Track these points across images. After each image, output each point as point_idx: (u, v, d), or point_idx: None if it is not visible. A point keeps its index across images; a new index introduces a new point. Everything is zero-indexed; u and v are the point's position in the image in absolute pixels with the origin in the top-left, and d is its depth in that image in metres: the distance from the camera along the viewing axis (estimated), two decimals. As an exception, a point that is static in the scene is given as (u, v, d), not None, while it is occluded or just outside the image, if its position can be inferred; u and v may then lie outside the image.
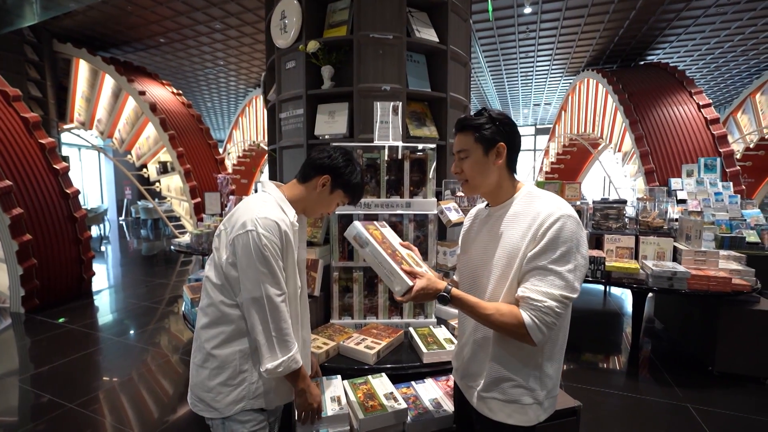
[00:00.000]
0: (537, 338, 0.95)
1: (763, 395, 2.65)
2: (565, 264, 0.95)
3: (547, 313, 0.94)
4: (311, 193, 1.24)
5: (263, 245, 1.07)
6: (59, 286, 4.51)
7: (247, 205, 1.15)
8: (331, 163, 1.22)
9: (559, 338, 1.05)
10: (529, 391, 1.03)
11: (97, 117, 7.25)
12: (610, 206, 3.34)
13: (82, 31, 6.36)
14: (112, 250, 8.10)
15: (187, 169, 6.53)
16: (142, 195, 11.58)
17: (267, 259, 1.08)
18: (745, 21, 5.89)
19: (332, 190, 1.25)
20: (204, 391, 1.15)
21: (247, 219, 1.09)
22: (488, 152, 1.05)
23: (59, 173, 4.57)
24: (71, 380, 2.82)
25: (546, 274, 0.96)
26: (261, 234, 1.08)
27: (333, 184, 1.24)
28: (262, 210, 1.11)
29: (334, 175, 1.23)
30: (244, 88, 9.84)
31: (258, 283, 1.08)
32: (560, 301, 0.94)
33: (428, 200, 1.92)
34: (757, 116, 7.64)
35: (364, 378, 1.54)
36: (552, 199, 1.02)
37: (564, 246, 0.95)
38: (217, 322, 1.15)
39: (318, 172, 1.23)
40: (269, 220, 1.10)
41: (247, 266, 1.08)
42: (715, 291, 2.61)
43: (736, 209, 4.95)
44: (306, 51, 2.16)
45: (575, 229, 0.96)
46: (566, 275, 0.95)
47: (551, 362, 1.04)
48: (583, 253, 0.97)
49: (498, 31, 6.36)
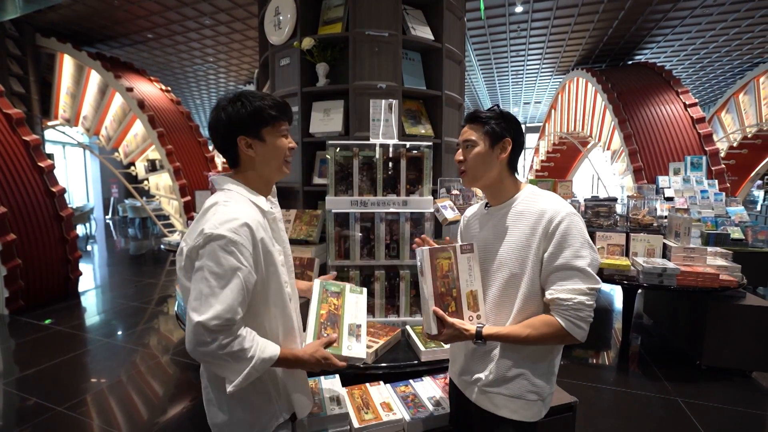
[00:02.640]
0: (580, 335, 0.99)
1: (749, 388, 2.72)
2: (582, 259, 0.98)
3: (580, 309, 0.97)
4: (254, 163, 1.02)
5: (226, 251, 0.88)
6: (45, 286, 4.40)
7: (207, 210, 0.95)
8: (223, 124, 0.98)
9: None
10: (535, 388, 1.05)
11: (82, 114, 7.08)
12: (601, 204, 3.39)
13: (67, 26, 6.20)
14: (99, 250, 7.93)
15: (177, 167, 6.42)
16: (129, 193, 11.36)
17: (219, 274, 0.87)
18: (730, 22, 6.02)
19: (261, 138, 1.00)
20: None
21: (208, 225, 0.89)
22: (494, 146, 1.07)
23: (44, 171, 4.46)
24: (59, 383, 2.76)
25: (568, 272, 0.98)
26: (226, 236, 0.88)
27: (251, 134, 0.99)
28: (223, 211, 0.92)
29: (240, 128, 0.98)
30: (234, 85, 9.72)
31: (204, 298, 0.87)
32: (588, 294, 0.98)
33: (424, 198, 1.92)
34: (740, 116, 7.82)
35: (362, 388, 1.53)
36: (555, 198, 1.05)
37: (577, 242, 0.98)
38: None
39: (231, 144, 0.99)
40: (235, 221, 0.90)
41: (198, 275, 0.88)
42: (703, 287, 2.67)
43: (721, 206, 5.07)
44: (301, 48, 2.13)
45: (582, 226, 1.01)
46: (586, 269, 0.98)
47: (558, 359, 1.10)
48: (593, 245, 1.02)
49: (489, 29, 6.39)
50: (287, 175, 1.07)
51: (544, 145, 10.81)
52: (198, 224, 0.94)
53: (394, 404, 1.42)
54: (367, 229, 1.99)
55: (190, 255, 0.92)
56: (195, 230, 0.93)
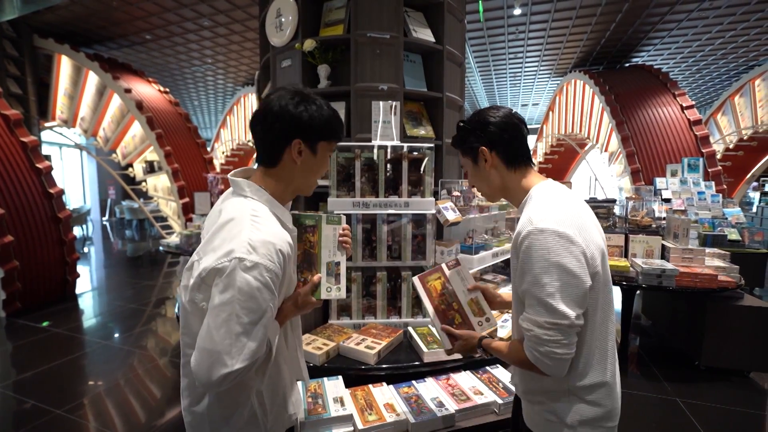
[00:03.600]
0: (546, 370, 0.89)
1: (748, 388, 2.73)
2: (542, 288, 0.87)
3: (538, 343, 0.88)
4: (292, 171, 0.93)
5: (261, 282, 0.78)
6: (42, 288, 4.38)
7: (230, 222, 0.83)
8: (287, 121, 0.89)
9: (580, 364, 0.93)
10: (552, 409, 0.97)
11: (80, 115, 7.05)
12: (600, 205, 3.41)
13: (65, 27, 6.17)
14: (96, 252, 7.89)
15: (175, 168, 6.40)
16: (126, 195, 11.32)
17: (257, 301, 0.78)
18: (726, 25, 6.07)
19: (314, 150, 0.93)
20: None
21: (234, 244, 0.78)
22: (477, 160, 1.04)
23: (42, 172, 4.44)
24: (57, 386, 2.74)
25: (530, 300, 0.89)
26: (261, 264, 0.78)
27: (309, 142, 0.92)
28: (255, 230, 0.81)
29: (302, 132, 0.90)
30: (233, 87, 9.70)
31: (235, 338, 0.77)
32: (546, 328, 0.87)
33: (426, 200, 1.92)
34: (736, 118, 7.88)
35: (365, 390, 1.53)
36: (535, 207, 0.93)
37: (537, 266, 0.87)
38: None
39: (283, 143, 0.90)
40: (271, 245, 0.81)
41: (228, 309, 0.77)
42: (701, 288, 2.69)
43: (718, 208, 5.10)
44: (302, 49, 2.14)
45: (549, 246, 0.86)
46: (545, 300, 0.86)
47: (587, 380, 0.93)
48: (568, 268, 0.85)
49: (488, 31, 6.42)
50: (310, 194, 1.03)
51: (542, 146, 10.85)
52: (219, 238, 0.81)
53: (397, 405, 1.42)
54: (368, 231, 1.99)
55: (208, 277, 0.79)
56: (217, 246, 0.80)
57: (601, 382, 0.94)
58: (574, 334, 0.89)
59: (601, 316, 0.95)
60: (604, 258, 0.96)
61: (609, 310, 0.97)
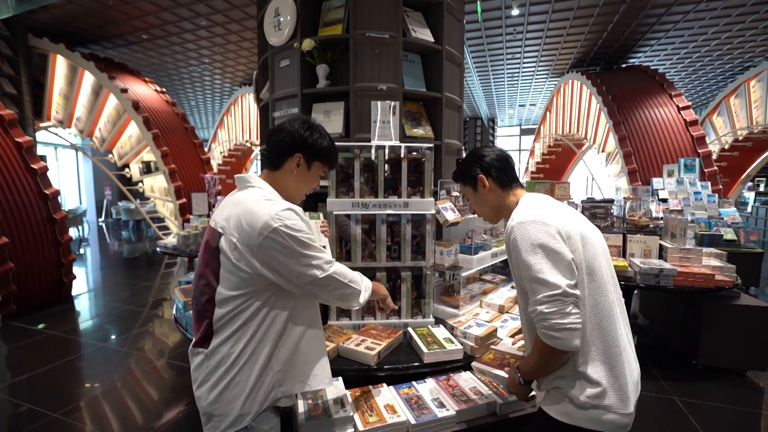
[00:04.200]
0: (559, 344, 1.00)
1: (744, 387, 2.75)
2: (531, 268, 1.02)
3: (543, 319, 1.00)
4: (289, 178, 1.16)
5: (297, 231, 1.03)
6: (38, 290, 4.34)
7: (252, 205, 1.04)
8: (294, 138, 1.13)
9: (590, 343, 1.03)
10: (562, 386, 1.06)
11: (76, 115, 7.00)
12: (598, 205, 3.42)
13: (60, 26, 6.13)
14: (92, 253, 7.84)
15: (172, 169, 6.37)
16: (122, 195, 11.25)
17: (305, 243, 1.04)
18: (721, 27, 6.11)
19: (309, 165, 1.17)
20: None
21: (266, 217, 1.01)
22: (476, 188, 1.25)
23: (37, 173, 4.40)
24: (53, 388, 2.71)
25: (529, 284, 1.04)
26: (290, 225, 1.02)
27: (307, 159, 1.15)
28: (272, 205, 1.05)
29: (303, 149, 1.14)
30: (230, 87, 9.67)
31: (310, 268, 1.05)
32: (546, 302, 1.00)
33: (426, 200, 1.92)
34: (731, 118, 7.94)
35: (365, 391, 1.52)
36: (518, 209, 1.14)
37: (524, 251, 1.04)
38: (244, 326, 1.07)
39: (287, 154, 1.13)
40: (288, 211, 1.04)
41: (290, 261, 1.02)
42: (699, 287, 2.70)
43: (714, 208, 5.13)
44: (301, 49, 2.13)
45: (532, 232, 1.04)
46: (538, 276, 1.01)
47: (590, 365, 1.03)
48: (548, 246, 1.02)
49: (486, 32, 6.43)
50: (297, 203, 1.18)
51: (539, 146, 10.88)
52: (245, 219, 1.02)
53: (398, 406, 1.42)
54: (367, 231, 1.98)
55: (247, 249, 1.01)
56: (245, 225, 1.01)
57: (598, 381, 1.02)
58: (573, 304, 1.00)
59: (594, 304, 1.05)
60: (589, 246, 1.08)
61: (605, 304, 1.06)
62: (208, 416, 1.07)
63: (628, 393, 1.03)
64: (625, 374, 1.04)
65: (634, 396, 1.05)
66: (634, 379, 1.07)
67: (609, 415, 1.02)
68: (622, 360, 1.04)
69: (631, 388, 1.05)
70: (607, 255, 1.15)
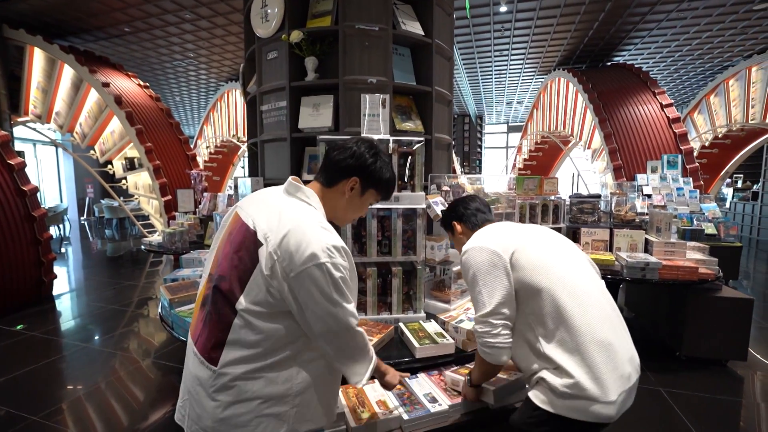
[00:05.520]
0: (487, 358, 1.20)
1: (726, 376, 2.83)
2: (472, 290, 1.23)
3: (478, 337, 1.21)
4: (340, 200, 1.10)
5: (339, 277, 0.94)
6: (16, 290, 4.19)
7: (306, 227, 0.95)
8: (358, 162, 1.08)
9: (555, 336, 1.11)
10: (538, 372, 1.14)
11: (55, 110, 6.78)
12: (585, 201, 3.46)
13: (37, 17, 5.92)
14: (74, 252, 7.63)
15: (157, 165, 6.23)
16: (106, 193, 10.97)
17: (343, 290, 0.95)
18: (702, 26, 6.25)
19: (363, 192, 1.12)
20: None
21: (316, 248, 0.92)
22: (455, 233, 1.52)
23: (14, 169, 4.24)
24: (33, 391, 2.62)
25: (473, 302, 1.24)
26: (337, 264, 0.94)
27: (363, 185, 1.10)
28: (327, 235, 0.97)
29: (363, 175, 1.09)
30: (216, 82, 9.50)
31: (336, 316, 0.95)
32: (479, 322, 1.19)
33: (417, 194, 1.91)
34: (711, 117, 8.15)
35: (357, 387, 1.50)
36: (469, 240, 1.32)
37: (469, 272, 1.23)
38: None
39: (344, 175, 1.08)
40: (340, 247, 0.97)
41: (320, 300, 0.93)
42: (683, 280, 2.75)
43: (696, 203, 5.26)
44: (289, 41, 2.09)
45: (477, 258, 1.21)
46: (477, 297, 1.20)
47: (561, 357, 1.09)
48: (483, 268, 1.19)
49: (474, 28, 6.45)
50: (339, 227, 1.20)
51: (526, 143, 10.99)
52: (295, 239, 0.92)
53: (390, 402, 1.41)
54: (358, 226, 1.96)
55: (285, 272, 0.92)
56: (295, 248, 0.92)
57: (571, 372, 1.05)
58: (502, 325, 1.16)
59: (552, 299, 1.12)
60: (537, 248, 1.22)
61: (566, 298, 1.12)
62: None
63: (606, 382, 1.02)
64: (597, 363, 1.03)
65: (617, 384, 1.03)
66: (620, 367, 1.05)
67: (588, 404, 1.03)
68: (592, 350, 1.05)
69: (613, 376, 1.03)
70: (570, 254, 1.25)
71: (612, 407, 1.02)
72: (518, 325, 1.20)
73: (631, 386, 1.08)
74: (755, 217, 8.73)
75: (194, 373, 0.98)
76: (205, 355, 0.96)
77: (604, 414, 1.02)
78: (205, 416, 0.95)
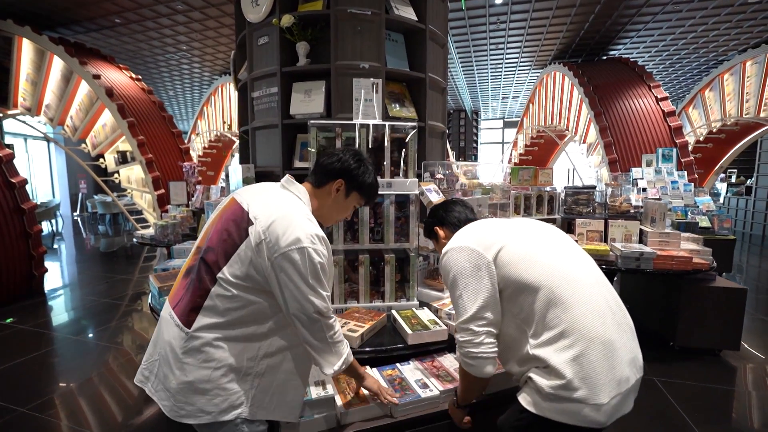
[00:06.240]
0: (470, 370, 1.12)
1: (719, 366, 2.84)
2: (454, 290, 1.14)
3: (459, 347, 1.13)
4: (326, 200, 1.22)
5: (318, 262, 1.03)
6: (6, 284, 4.13)
7: (295, 216, 1.05)
8: (343, 165, 1.20)
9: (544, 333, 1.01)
10: (526, 372, 1.07)
11: (45, 102, 6.67)
12: (581, 192, 3.45)
13: (25, 7, 5.79)
14: (67, 247, 7.54)
15: (149, 158, 6.15)
16: (99, 189, 10.85)
17: (320, 276, 1.04)
18: (698, 19, 6.25)
19: (348, 194, 1.23)
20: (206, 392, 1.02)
21: (301, 234, 1.02)
22: (438, 239, 1.47)
23: (2, 161, 4.17)
24: (21, 383, 2.59)
25: (454, 307, 1.16)
26: (318, 251, 1.03)
27: (347, 187, 1.22)
28: (311, 225, 1.07)
29: (347, 178, 1.21)
30: (209, 76, 9.40)
31: (309, 299, 1.02)
32: (461, 329, 1.11)
33: (409, 180, 1.88)
34: (706, 111, 8.17)
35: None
36: (452, 238, 1.25)
37: (450, 275, 1.15)
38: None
39: (331, 177, 1.20)
40: (321, 237, 1.07)
41: (298, 282, 1.01)
42: (677, 270, 2.76)
43: (690, 197, 5.27)
44: (280, 25, 2.05)
45: (458, 258, 1.14)
46: (456, 302, 1.13)
47: (550, 355, 0.98)
48: (464, 271, 1.11)
49: (470, 21, 6.41)
50: (325, 228, 1.24)
51: (522, 138, 10.99)
52: (282, 225, 1.01)
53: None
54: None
55: (271, 252, 1.00)
56: (281, 232, 1.00)
57: (561, 372, 0.96)
58: (485, 333, 1.08)
59: (544, 293, 1.02)
60: (524, 240, 1.13)
61: (556, 291, 1.01)
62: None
63: (598, 383, 0.93)
64: (592, 362, 0.94)
65: (610, 386, 0.94)
66: (617, 367, 0.96)
67: (576, 406, 0.94)
68: (587, 346, 0.95)
69: (608, 377, 0.94)
70: (564, 245, 1.15)
71: (602, 411, 0.93)
72: (505, 328, 1.11)
73: (629, 389, 0.97)
74: (749, 211, 8.79)
75: (167, 335, 1.05)
76: (182, 318, 1.04)
77: (594, 418, 0.94)
78: (171, 377, 1.02)
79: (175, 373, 1.01)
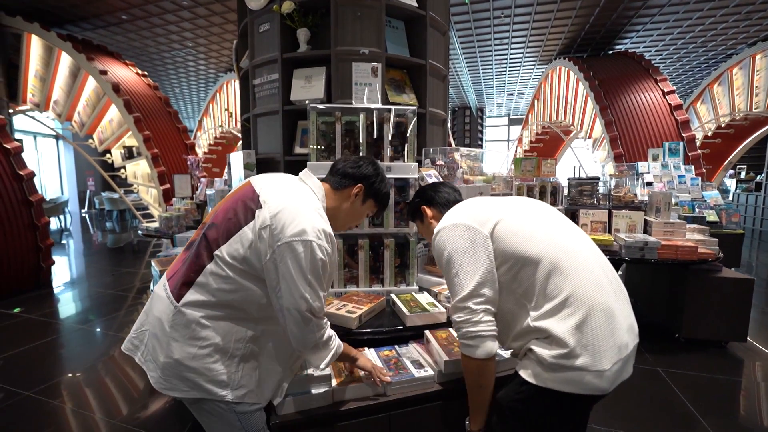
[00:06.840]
0: (471, 353, 1.05)
1: (724, 357, 2.80)
2: (449, 270, 1.09)
3: (457, 329, 1.07)
4: (343, 203, 1.23)
5: (320, 258, 1.01)
6: (14, 275, 4.19)
7: (304, 208, 1.04)
8: (363, 172, 1.23)
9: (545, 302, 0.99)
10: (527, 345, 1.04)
11: (53, 98, 6.77)
12: (585, 183, 3.42)
13: (34, 4, 5.88)
14: (75, 242, 7.64)
15: (155, 153, 6.21)
16: (106, 186, 10.99)
17: (319, 274, 1.02)
18: (705, 12, 6.16)
19: (364, 200, 1.26)
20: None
21: (308, 226, 1.00)
22: (424, 219, 1.41)
23: (11, 153, 4.23)
24: (28, 369, 2.63)
25: (449, 287, 1.11)
26: (322, 247, 1.02)
27: (365, 193, 1.24)
28: (320, 220, 1.06)
29: (366, 184, 1.23)
30: (215, 73, 9.47)
31: (304, 296, 1.01)
32: (457, 309, 1.06)
33: (408, 164, 1.87)
34: (715, 106, 8.05)
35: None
36: (444, 217, 1.20)
37: (444, 253, 1.10)
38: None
39: (352, 181, 1.22)
40: (328, 233, 1.06)
41: (296, 275, 0.99)
42: (683, 259, 2.72)
43: (698, 191, 5.20)
44: (281, 12, 2.06)
45: (452, 236, 1.09)
46: (452, 280, 1.08)
47: (552, 324, 0.97)
48: (459, 247, 1.07)
49: (474, 15, 6.38)
50: (338, 232, 1.26)
51: (527, 134, 10.92)
52: (290, 215, 1.01)
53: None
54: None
55: (273, 240, 1.00)
56: (288, 222, 0.99)
57: (564, 340, 0.95)
58: (483, 311, 1.04)
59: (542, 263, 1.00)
60: (519, 214, 1.11)
61: (555, 261, 1.01)
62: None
63: (600, 349, 0.93)
64: (593, 329, 0.94)
65: (612, 352, 0.94)
66: (617, 333, 0.96)
67: (579, 374, 0.93)
68: (588, 314, 0.95)
69: (609, 343, 0.94)
70: (561, 220, 1.15)
71: (605, 377, 0.94)
72: (504, 305, 1.08)
73: (628, 355, 0.98)
74: (758, 207, 8.65)
75: (157, 308, 1.06)
76: (174, 291, 1.04)
77: (597, 384, 0.94)
78: (159, 350, 1.03)
79: (164, 347, 1.02)
